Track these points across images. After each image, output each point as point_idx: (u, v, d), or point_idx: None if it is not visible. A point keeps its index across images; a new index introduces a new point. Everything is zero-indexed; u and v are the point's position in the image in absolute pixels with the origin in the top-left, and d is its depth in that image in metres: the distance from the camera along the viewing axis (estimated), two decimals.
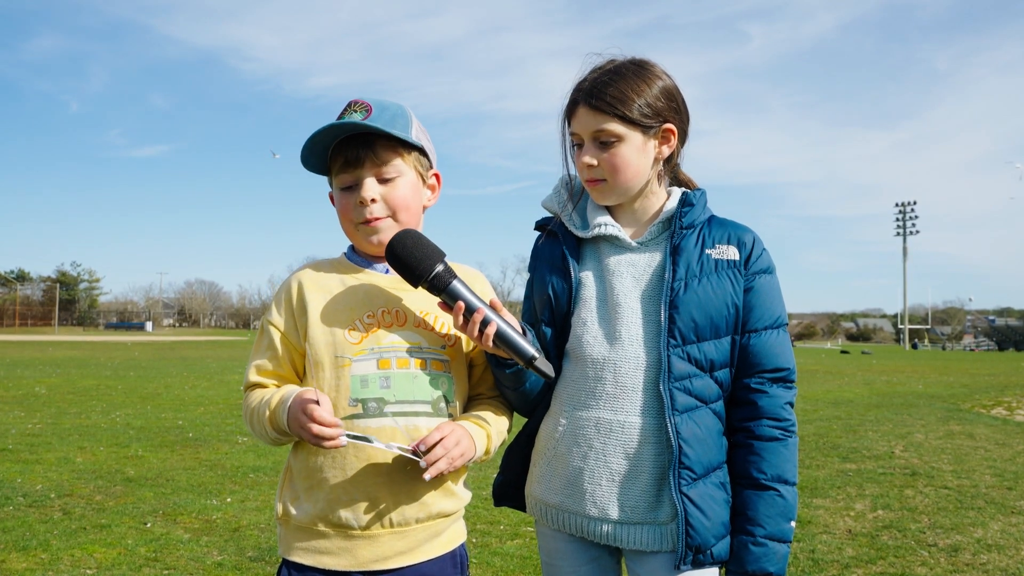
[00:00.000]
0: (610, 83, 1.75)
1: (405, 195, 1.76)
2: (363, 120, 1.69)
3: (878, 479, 7.05)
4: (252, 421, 1.73)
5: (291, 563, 1.70)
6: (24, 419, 10.41)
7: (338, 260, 1.84)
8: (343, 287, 1.76)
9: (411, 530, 1.70)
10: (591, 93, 1.75)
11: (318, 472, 1.69)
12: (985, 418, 12.01)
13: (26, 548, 4.69)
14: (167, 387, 15.77)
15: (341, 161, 1.73)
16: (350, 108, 1.74)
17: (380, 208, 1.73)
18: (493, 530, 5.19)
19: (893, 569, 4.51)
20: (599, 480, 1.73)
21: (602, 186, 1.80)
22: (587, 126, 1.76)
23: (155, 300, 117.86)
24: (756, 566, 1.67)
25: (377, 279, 1.78)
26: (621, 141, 1.75)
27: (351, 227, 1.77)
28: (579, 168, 1.81)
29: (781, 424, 1.73)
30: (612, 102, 1.73)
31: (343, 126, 1.70)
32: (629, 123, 1.74)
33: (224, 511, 5.66)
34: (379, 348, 1.70)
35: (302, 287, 1.76)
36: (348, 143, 1.71)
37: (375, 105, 1.73)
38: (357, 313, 1.72)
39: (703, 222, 1.82)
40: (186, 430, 9.63)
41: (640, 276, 1.79)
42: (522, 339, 1.66)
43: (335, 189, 1.78)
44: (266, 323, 1.78)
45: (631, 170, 1.77)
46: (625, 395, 1.73)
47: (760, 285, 1.77)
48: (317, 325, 1.71)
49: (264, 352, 1.76)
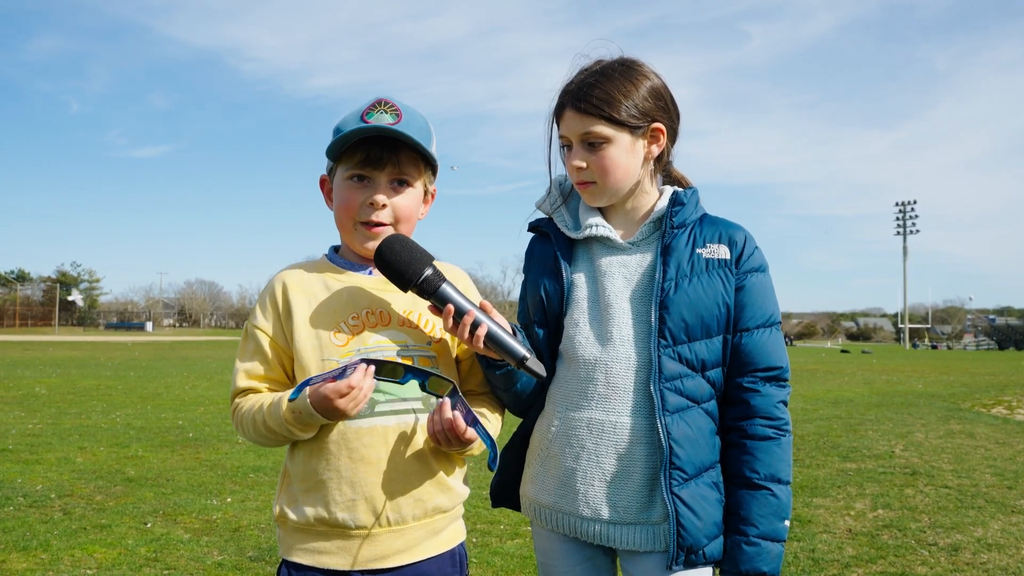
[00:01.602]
0: (596, 85, 1.74)
1: (411, 207, 1.76)
2: (393, 124, 1.68)
3: (878, 478, 7.05)
4: (244, 425, 1.72)
5: (291, 563, 1.71)
6: (24, 419, 10.42)
7: (320, 262, 1.84)
8: (327, 290, 1.76)
9: (408, 528, 1.70)
10: (577, 95, 1.75)
11: (314, 475, 1.69)
12: (985, 417, 12.01)
13: (26, 548, 4.69)
14: (167, 387, 15.77)
15: (362, 157, 1.71)
16: (379, 107, 1.71)
17: (387, 214, 1.73)
18: (493, 529, 5.20)
19: (893, 568, 4.51)
20: (592, 480, 1.73)
21: (592, 188, 1.80)
22: (575, 128, 1.76)
23: (155, 300, 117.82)
24: (750, 566, 1.67)
25: (361, 280, 1.78)
26: (609, 143, 1.74)
27: (350, 222, 1.75)
28: (569, 171, 1.81)
29: (774, 423, 1.72)
30: (599, 104, 1.73)
31: (381, 130, 1.68)
32: (616, 124, 1.74)
33: (224, 511, 5.66)
34: (365, 349, 1.70)
35: (287, 290, 1.75)
36: (373, 141, 1.70)
37: (404, 112, 1.72)
38: (342, 315, 1.73)
39: (694, 221, 1.81)
40: (186, 430, 9.63)
41: (631, 276, 1.79)
42: (513, 340, 1.67)
43: (341, 178, 1.75)
44: (251, 327, 1.76)
45: (620, 171, 1.77)
46: (616, 396, 1.73)
47: (752, 284, 1.77)
48: (302, 328, 1.71)
49: (252, 356, 1.75)
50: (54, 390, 14.73)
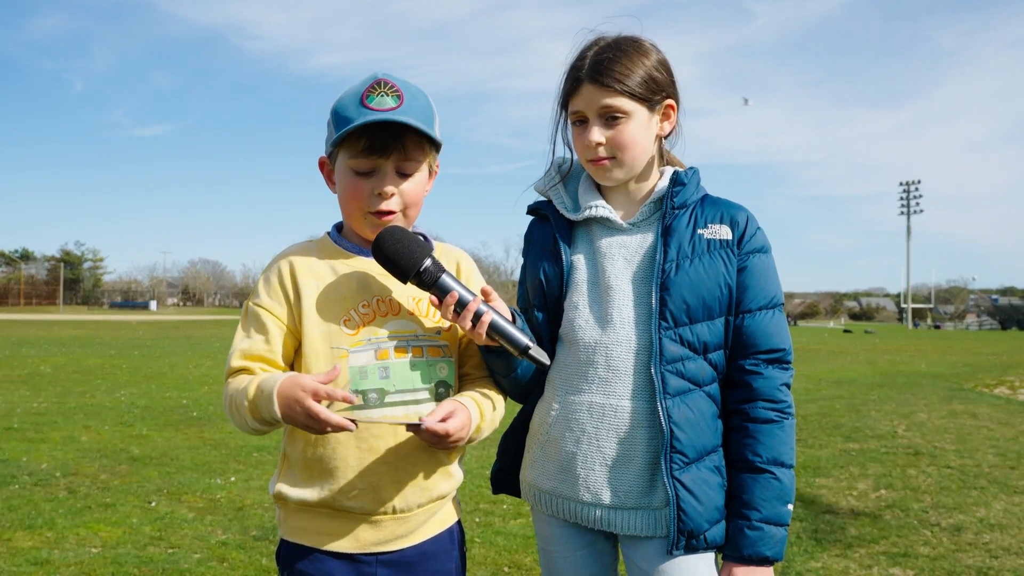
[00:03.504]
0: (615, 59, 1.72)
1: (418, 191, 1.73)
2: (396, 107, 1.63)
3: (881, 458, 7.05)
4: (231, 409, 1.64)
5: (290, 543, 1.70)
6: (29, 398, 10.46)
7: (324, 243, 1.78)
8: (335, 274, 1.71)
9: (413, 515, 1.69)
10: (596, 69, 1.72)
11: (319, 463, 1.66)
12: (988, 397, 12.01)
13: (32, 527, 4.72)
14: (171, 366, 15.82)
15: (365, 144, 1.64)
16: (379, 88, 1.65)
17: (395, 202, 1.69)
18: (496, 509, 5.21)
19: (895, 548, 4.52)
20: (592, 465, 1.72)
21: (609, 164, 1.76)
22: (593, 102, 1.73)
23: (159, 279, 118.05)
24: (752, 550, 1.65)
25: (368, 265, 1.72)
26: (628, 117, 1.72)
27: (358, 212, 1.70)
28: (584, 147, 1.76)
29: (777, 406, 1.70)
30: (620, 77, 1.70)
31: (385, 118, 1.61)
32: (637, 99, 1.72)
33: (228, 490, 5.69)
34: (376, 339, 1.66)
35: (294, 271, 1.70)
36: (376, 127, 1.63)
37: (405, 91, 1.66)
38: (352, 303, 1.69)
39: (695, 201, 1.79)
40: (190, 409, 9.67)
41: (631, 258, 1.76)
42: (515, 329, 1.64)
43: (346, 168, 1.69)
44: (255, 306, 1.69)
45: (639, 147, 1.75)
46: (617, 379, 1.71)
47: (754, 265, 1.74)
48: (312, 315, 1.66)
49: (253, 335, 1.67)
50: (59, 369, 14.78)
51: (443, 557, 1.75)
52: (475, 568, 4.14)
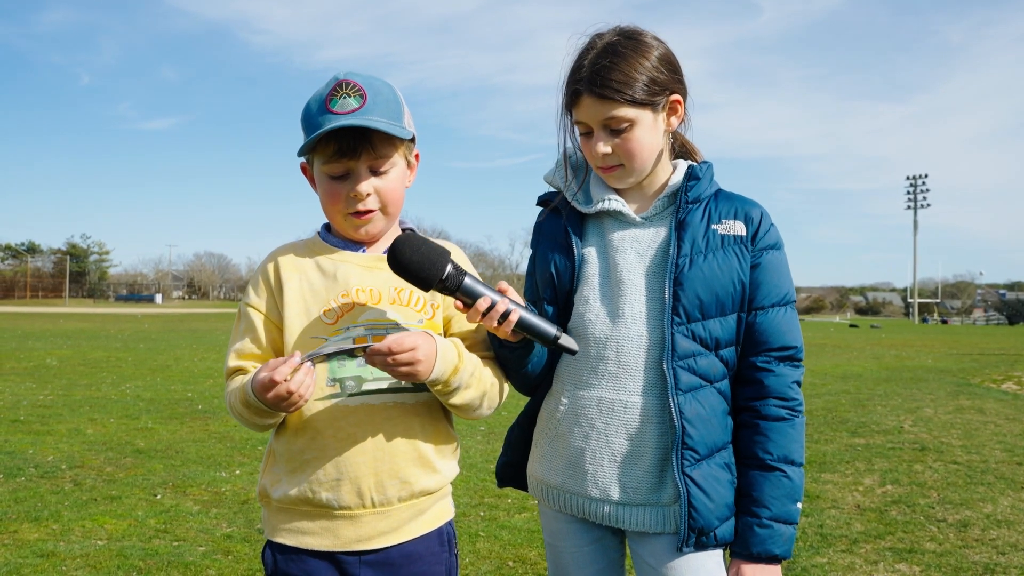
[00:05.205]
0: (612, 66, 1.66)
1: (395, 187, 1.73)
2: (359, 107, 1.63)
3: (887, 454, 7.03)
4: (234, 413, 1.71)
5: (275, 544, 1.71)
6: (35, 391, 10.49)
7: (312, 241, 1.81)
8: (319, 268, 1.74)
9: (393, 510, 1.69)
10: (593, 81, 1.67)
11: (299, 454, 1.68)
12: (995, 393, 11.96)
13: (38, 519, 4.73)
14: (177, 359, 15.86)
15: (334, 148, 1.66)
16: (341, 90, 1.65)
17: (373, 201, 1.70)
18: (501, 503, 5.20)
19: (902, 544, 4.51)
20: (601, 460, 1.71)
21: (619, 171, 1.74)
22: (596, 115, 1.69)
23: (164, 272, 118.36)
24: (761, 548, 1.64)
25: (352, 258, 1.75)
26: (633, 125, 1.69)
27: (339, 216, 1.73)
28: (592, 156, 1.74)
29: (788, 404, 1.69)
30: (619, 87, 1.65)
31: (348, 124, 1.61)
32: (639, 105, 1.68)
33: (233, 483, 5.69)
34: (354, 328, 1.68)
35: (279, 268, 1.74)
36: (343, 130, 1.64)
37: (368, 89, 1.66)
38: (332, 294, 1.71)
39: (709, 196, 1.77)
40: (196, 402, 9.69)
41: (644, 252, 1.74)
42: (543, 320, 1.63)
43: (321, 173, 1.72)
44: (245, 306, 1.76)
45: (647, 151, 1.72)
46: (627, 374, 1.69)
47: (767, 261, 1.72)
48: (292, 306, 1.70)
49: (244, 335, 1.74)
50: (65, 362, 14.83)
51: (430, 559, 1.73)
52: (479, 562, 4.14)
